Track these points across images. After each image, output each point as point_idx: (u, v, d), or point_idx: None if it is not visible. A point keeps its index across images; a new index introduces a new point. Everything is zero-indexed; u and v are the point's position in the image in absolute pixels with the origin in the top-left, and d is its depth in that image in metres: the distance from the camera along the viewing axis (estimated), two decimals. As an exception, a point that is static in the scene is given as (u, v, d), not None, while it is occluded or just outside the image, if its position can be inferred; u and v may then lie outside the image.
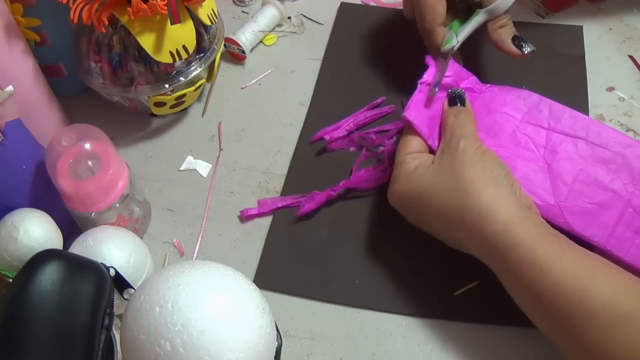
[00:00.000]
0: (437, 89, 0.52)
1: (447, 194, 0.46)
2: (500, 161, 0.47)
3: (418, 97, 0.52)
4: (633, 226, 0.47)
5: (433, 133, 0.52)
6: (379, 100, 0.62)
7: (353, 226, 0.55)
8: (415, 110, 0.52)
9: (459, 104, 0.52)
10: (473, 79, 0.55)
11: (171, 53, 0.55)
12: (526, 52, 0.54)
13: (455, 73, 0.54)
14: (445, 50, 0.55)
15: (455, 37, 0.55)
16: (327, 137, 0.60)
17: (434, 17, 0.56)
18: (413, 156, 0.50)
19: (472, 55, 0.63)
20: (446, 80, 0.54)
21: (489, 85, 0.55)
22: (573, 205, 0.48)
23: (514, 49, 0.55)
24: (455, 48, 0.55)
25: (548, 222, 0.46)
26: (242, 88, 0.67)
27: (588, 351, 0.39)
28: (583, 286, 0.40)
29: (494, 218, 0.44)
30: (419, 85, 0.53)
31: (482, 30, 0.57)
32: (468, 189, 0.45)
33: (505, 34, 0.55)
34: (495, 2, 0.54)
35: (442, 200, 0.46)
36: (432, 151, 0.51)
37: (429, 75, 0.54)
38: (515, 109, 0.53)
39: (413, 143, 0.51)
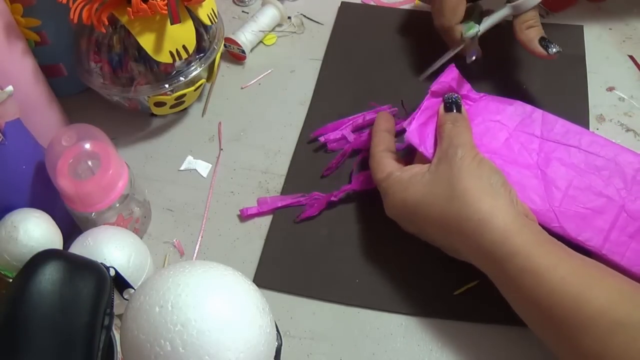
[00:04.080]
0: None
1: (444, 203, 0.46)
2: (497, 169, 0.47)
3: (420, 117, 0.53)
4: (627, 231, 0.48)
5: (425, 140, 0.52)
6: (384, 107, 0.61)
7: (353, 226, 0.55)
8: (417, 130, 0.52)
9: (455, 111, 0.52)
10: (468, 87, 0.56)
11: (171, 53, 0.55)
12: (552, 52, 0.55)
13: (453, 79, 0.55)
14: (470, 35, 0.56)
15: (477, 26, 0.56)
16: (321, 140, 0.60)
17: (453, 16, 0.57)
18: (403, 169, 0.51)
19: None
20: (442, 85, 0.54)
21: (483, 94, 0.56)
22: (567, 210, 0.48)
23: (539, 49, 0.55)
24: (480, 34, 0.56)
25: (543, 227, 0.46)
26: (242, 88, 0.67)
27: (585, 358, 0.39)
28: (580, 293, 0.40)
29: (492, 226, 0.44)
30: (425, 100, 0.53)
31: (494, 30, 0.57)
32: (466, 197, 0.45)
33: (533, 35, 0.56)
34: None
35: (440, 209, 0.46)
36: (426, 160, 0.51)
37: (436, 84, 0.54)
38: (509, 118, 0.54)
39: (388, 162, 0.52)
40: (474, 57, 0.57)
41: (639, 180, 0.49)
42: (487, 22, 0.56)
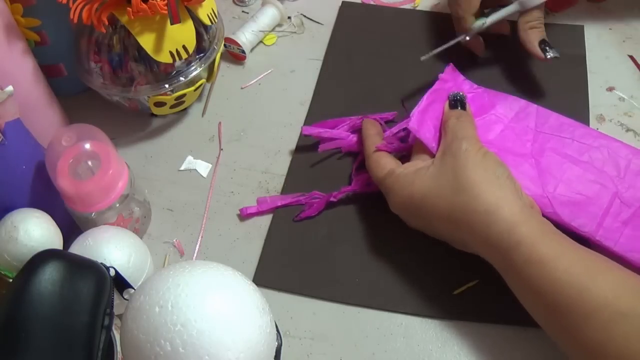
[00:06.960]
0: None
1: (451, 195, 0.46)
2: (501, 162, 0.48)
3: (422, 107, 0.53)
4: (621, 217, 0.48)
5: (424, 126, 0.52)
6: (388, 115, 0.61)
7: (353, 225, 0.55)
8: (419, 119, 0.52)
9: (459, 108, 0.52)
10: (468, 83, 0.57)
11: (171, 53, 0.55)
12: (548, 56, 0.56)
13: (453, 78, 0.55)
14: (475, 26, 0.58)
15: (485, 19, 0.58)
16: (314, 135, 0.59)
17: (469, 6, 0.58)
18: (404, 165, 0.51)
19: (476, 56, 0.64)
20: (448, 86, 0.55)
21: (482, 88, 0.56)
22: (562, 195, 0.49)
23: (537, 50, 0.57)
24: (485, 27, 0.58)
25: None
26: (242, 88, 0.67)
27: (587, 348, 0.40)
28: (584, 284, 0.40)
29: (499, 217, 0.44)
30: (428, 93, 0.54)
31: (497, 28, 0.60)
32: (473, 189, 0.45)
33: (534, 36, 0.57)
34: None
35: (446, 201, 0.47)
36: (425, 152, 0.52)
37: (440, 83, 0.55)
38: (505, 111, 0.55)
39: (387, 161, 0.52)
40: (467, 38, 0.59)
41: (633, 169, 0.51)
42: (494, 17, 0.58)
